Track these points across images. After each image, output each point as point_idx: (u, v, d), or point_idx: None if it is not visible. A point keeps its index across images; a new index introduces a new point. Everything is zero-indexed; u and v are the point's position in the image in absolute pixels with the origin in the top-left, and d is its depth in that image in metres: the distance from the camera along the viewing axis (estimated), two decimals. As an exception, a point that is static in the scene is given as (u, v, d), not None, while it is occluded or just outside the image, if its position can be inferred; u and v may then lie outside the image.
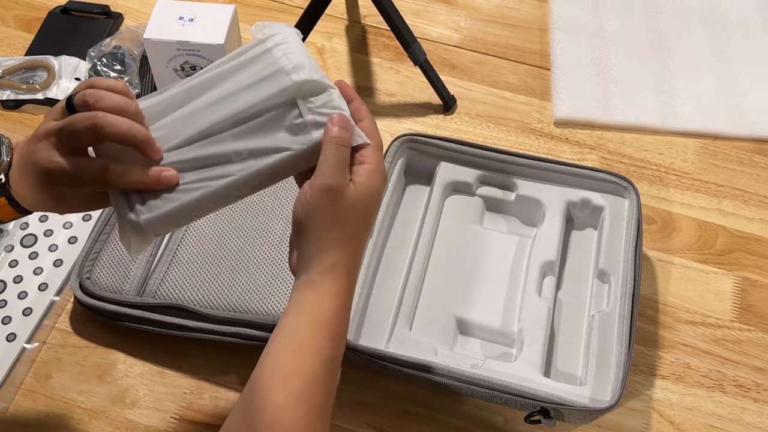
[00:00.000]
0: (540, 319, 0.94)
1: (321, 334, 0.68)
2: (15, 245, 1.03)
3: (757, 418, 0.94)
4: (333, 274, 0.69)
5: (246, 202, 1.02)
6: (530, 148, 1.18)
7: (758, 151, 1.18)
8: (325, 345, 0.68)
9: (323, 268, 0.68)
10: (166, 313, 0.94)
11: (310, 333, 0.68)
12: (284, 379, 0.66)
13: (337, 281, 0.69)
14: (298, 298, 0.69)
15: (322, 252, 0.68)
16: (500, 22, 1.35)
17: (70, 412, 0.93)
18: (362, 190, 0.68)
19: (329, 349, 0.68)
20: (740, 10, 1.35)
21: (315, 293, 0.68)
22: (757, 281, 1.05)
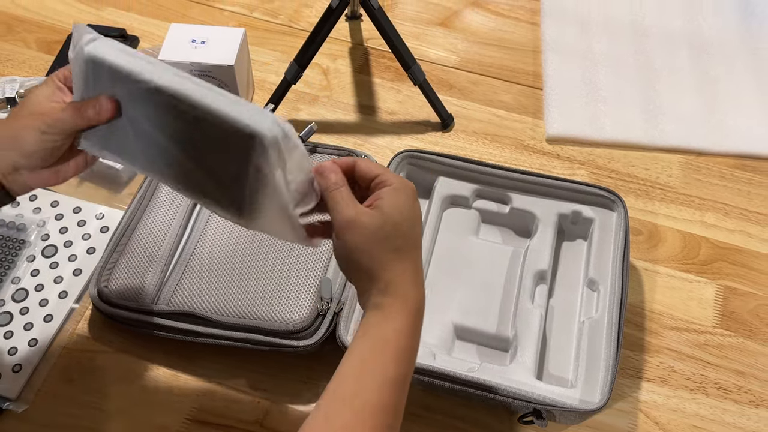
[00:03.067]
0: (533, 325, 0.94)
1: (384, 355, 0.66)
2: (36, 255, 1.04)
3: (737, 418, 0.94)
4: (392, 291, 0.67)
5: (255, 215, 1.03)
6: (523, 163, 1.19)
7: (739, 167, 1.19)
8: (388, 365, 0.66)
9: (381, 287, 0.67)
10: (179, 320, 0.95)
11: (372, 354, 0.66)
12: (346, 400, 0.64)
13: (400, 299, 0.67)
14: (364, 323, 0.68)
15: (375, 275, 0.67)
16: (495, 44, 1.36)
17: (89, 413, 0.93)
18: (386, 209, 0.67)
19: (394, 368, 0.66)
20: (721, 34, 1.35)
21: (378, 314, 0.67)
22: (738, 289, 1.05)
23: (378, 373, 0.65)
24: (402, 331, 0.67)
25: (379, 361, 0.65)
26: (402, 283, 0.68)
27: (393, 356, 0.66)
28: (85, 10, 1.37)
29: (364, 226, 0.66)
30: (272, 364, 0.97)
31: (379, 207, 0.67)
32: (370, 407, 0.63)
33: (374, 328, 0.67)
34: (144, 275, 0.98)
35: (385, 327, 0.66)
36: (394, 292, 0.67)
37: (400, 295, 0.67)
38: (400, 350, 0.66)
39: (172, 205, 1.04)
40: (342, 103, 1.25)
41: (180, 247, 1.01)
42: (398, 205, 0.68)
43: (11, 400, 0.92)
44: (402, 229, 0.68)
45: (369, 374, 0.65)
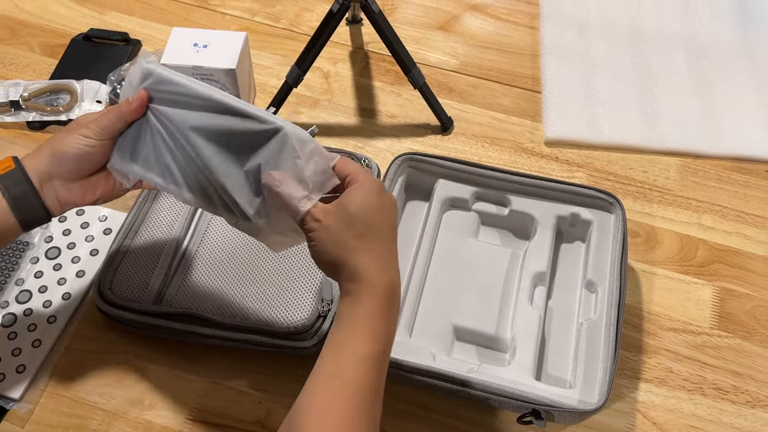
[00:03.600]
0: (532, 326, 0.94)
1: (356, 334, 0.69)
2: (40, 257, 1.04)
3: (734, 419, 0.94)
4: (357, 279, 0.70)
5: (256, 217, 1.03)
6: (522, 166, 1.19)
7: (736, 169, 1.19)
8: (362, 345, 0.69)
9: (348, 274, 0.70)
10: (181, 321, 0.95)
11: (346, 335, 0.69)
12: (326, 381, 0.68)
13: (366, 283, 0.70)
14: (338, 310, 0.71)
15: (344, 263, 0.70)
16: (494, 48, 1.36)
17: (92, 414, 0.93)
18: (345, 204, 0.71)
19: (367, 348, 0.69)
20: (718, 38, 1.36)
21: (348, 300, 0.70)
22: (734, 291, 1.05)
23: (353, 352, 0.68)
24: (372, 312, 0.70)
25: (353, 342, 0.69)
26: (368, 269, 0.70)
27: (366, 336, 0.69)
28: (88, 14, 1.38)
29: (329, 223, 0.70)
30: (274, 365, 0.97)
31: (339, 203, 0.71)
32: (349, 385, 0.67)
33: (346, 313, 0.70)
34: (146, 277, 0.98)
35: (355, 310, 0.70)
36: (361, 278, 0.70)
37: (367, 280, 0.70)
38: (372, 330, 0.70)
39: (174, 208, 1.04)
40: (343, 106, 1.26)
41: (182, 249, 1.01)
42: (359, 199, 0.71)
43: (15, 400, 0.93)
44: (364, 219, 0.71)
45: (345, 355, 0.68)
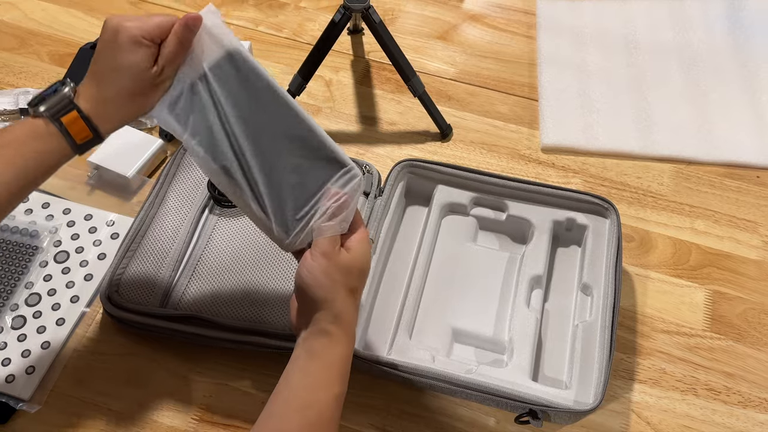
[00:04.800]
0: (529, 328, 0.95)
1: (332, 374, 0.73)
2: (49, 261, 1.05)
3: (726, 419, 0.95)
4: (340, 323, 0.74)
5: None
6: (520, 172, 1.19)
7: (728, 175, 1.19)
8: (335, 383, 0.73)
9: (332, 317, 0.73)
10: (187, 323, 0.95)
11: (322, 373, 0.73)
12: (300, 411, 0.70)
13: (344, 329, 0.74)
14: (309, 346, 0.74)
15: (329, 305, 0.73)
16: (492, 57, 1.37)
17: (100, 414, 0.93)
18: (355, 254, 0.75)
19: (339, 387, 0.73)
20: (711, 47, 1.36)
21: (325, 340, 0.73)
22: (727, 294, 1.06)
23: (329, 390, 0.72)
24: (346, 356, 0.75)
25: (329, 380, 0.73)
26: (349, 318, 0.75)
27: (341, 377, 0.74)
28: (95, 24, 1.38)
29: (338, 261, 0.74)
30: (277, 366, 0.95)
31: (352, 250, 0.76)
32: (322, 418, 0.71)
33: (323, 351, 0.73)
34: (153, 280, 0.98)
35: (332, 351, 0.74)
36: (342, 324, 0.74)
37: (347, 328, 0.75)
38: (343, 372, 0.74)
39: (180, 213, 1.05)
40: (344, 113, 1.26)
41: (188, 253, 1.01)
42: (364, 253, 0.77)
43: (24, 400, 0.93)
44: (361, 274, 0.77)
45: (321, 389, 0.72)
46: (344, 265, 0.74)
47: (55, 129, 0.73)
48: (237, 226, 1.04)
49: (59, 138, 0.73)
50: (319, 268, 0.73)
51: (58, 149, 0.74)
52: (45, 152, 0.73)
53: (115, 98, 0.74)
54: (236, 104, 0.76)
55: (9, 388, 0.93)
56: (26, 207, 1.09)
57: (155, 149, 1.15)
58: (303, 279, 0.74)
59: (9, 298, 1.00)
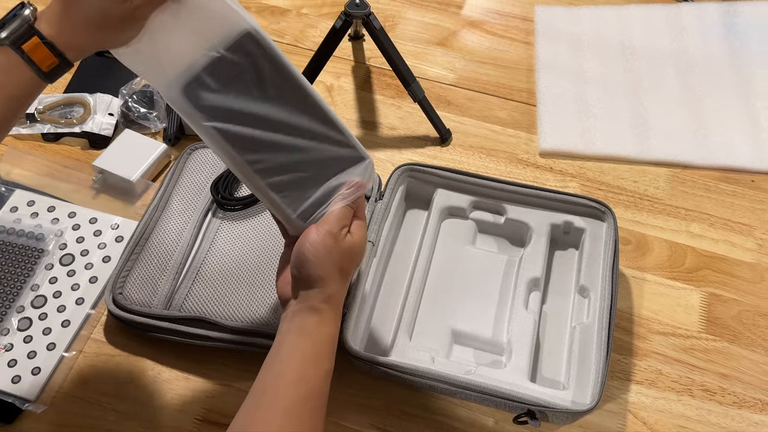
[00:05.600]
0: (527, 330, 0.95)
1: (322, 351, 0.74)
2: (54, 264, 1.05)
3: (722, 419, 0.95)
4: (331, 303, 0.74)
5: (261, 226, 1.04)
6: (518, 176, 1.19)
7: (723, 179, 1.19)
8: (325, 360, 0.74)
9: (325, 297, 0.74)
10: (190, 325, 0.95)
11: (313, 349, 0.73)
12: (292, 385, 0.70)
13: (334, 309, 0.75)
14: (300, 323, 0.74)
15: (324, 284, 0.73)
16: (491, 63, 1.37)
17: (105, 414, 0.94)
18: (356, 239, 0.76)
19: (328, 364, 0.74)
20: (706, 53, 1.36)
21: (317, 318, 0.73)
22: (722, 296, 1.06)
23: (319, 365, 0.73)
24: (334, 336, 0.76)
25: (319, 356, 0.73)
26: (339, 298, 0.76)
27: (328, 353, 0.74)
28: (100, 31, 1.38)
29: (341, 244, 0.74)
30: (279, 367, 0.97)
31: (353, 234, 0.76)
32: (313, 393, 0.71)
33: (313, 329, 0.74)
34: (157, 283, 0.98)
35: (322, 329, 0.74)
36: (332, 304, 0.75)
37: (336, 308, 0.76)
38: (332, 350, 0.75)
39: (183, 216, 1.05)
40: (345, 118, 1.26)
41: (191, 256, 1.02)
42: (362, 238, 0.77)
43: (30, 401, 0.93)
44: (356, 257, 0.77)
45: (312, 365, 0.72)
46: (346, 248, 0.75)
47: (18, 57, 0.66)
48: (240, 229, 1.04)
49: (24, 66, 0.67)
50: (323, 247, 0.73)
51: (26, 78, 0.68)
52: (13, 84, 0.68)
53: (82, 26, 0.66)
54: (256, 88, 0.72)
55: (15, 388, 0.94)
56: (32, 211, 1.10)
57: (159, 153, 1.15)
58: (304, 253, 0.73)
59: (15, 300, 1.01)
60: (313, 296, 0.73)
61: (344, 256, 0.75)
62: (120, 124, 1.22)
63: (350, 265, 0.77)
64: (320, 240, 0.73)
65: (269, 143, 0.73)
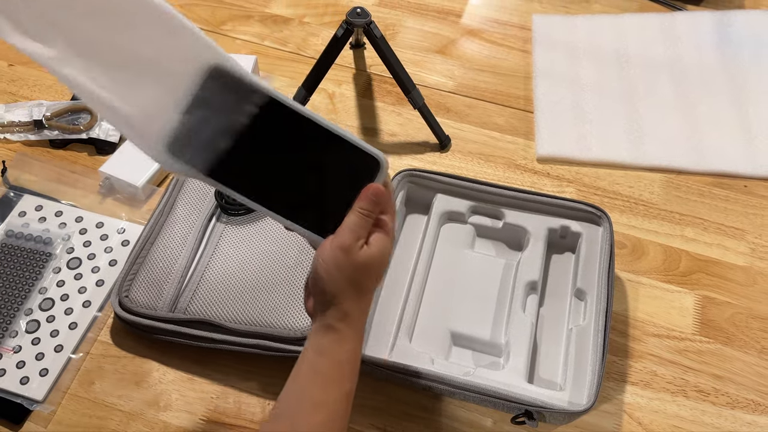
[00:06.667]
0: (524, 332, 0.95)
1: (342, 371, 0.70)
2: (62, 267, 1.05)
3: (715, 419, 0.95)
4: (348, 321, 0.69)
5: (264, 231, 1.05)
6: (516, 181, 1.20)
7: (716, 184, 1.20)
8: (345, 380, 0.70)
9: (340, 315, 0.69)
10: (195, 327, 0.96)
11: (331, 370, 0.69)
12: (313, 408, 0.68)
13: (352, 327, 0.70)
14: (317, 342, 0.70)
15: (338, 301, 0.69)
16: (489, 71, 1.37)
17: (111, 415, 0.94)
18: (374, 251, 0.69)
19: (348, 384, 0.71)
20: (700, 61, 1.37)
21: (334, 336, 0.69)
22: (715, 299, 1.06)
23: (340, 388, 0.70)
24: (354, 353, 0.71)
25: (339, 377, 0.70)
26: (357, 316, 0.71)
27: (350, 375, 0.71)
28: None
29: (355, 258, 0.68)
30: (282, 369, 0.96)
31: (372, 246, 0.70)
32: (333, 416, 0.69)
33: (331, 348, 0.70)
34: (162, 286, 0.99)
35: (341, 348, 0.70)
36: (350, 321, 0.70)
37: (354, 325, 0.71)
38: (352, 369, 0.71)
39: (188, 221, 1.05)
40: (346, 125, 1.27)
41: (196, 259, 1.02)
42: (383, 250, 0.70)
43: (38, 402, 0.94)
44: (373, 271, 0.71)
45: (332, 388, 0.69)
46: (361, 262, 0.68)
47: None
48: (243, 233, 1.04)
49: None
50: (334, 261, 0.68)
51: None
52: None
53: None
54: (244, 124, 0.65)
55: (24, 389, 0.94)
56: (40, 215, 1.10)
57: (164, 159, 1.16)
58: (317, 269, 0.69)
59: (24, 303, 1.01)
60: (329, 314, 0.69)
61: (359, 271, 0.69)
62: (126, 131, 1.22)
63: (367, 279, 0.70)
64: (331, 255, 0.68)
65: (276, 178, 0.68)
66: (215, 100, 0.64)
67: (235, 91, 0.64)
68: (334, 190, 0.70)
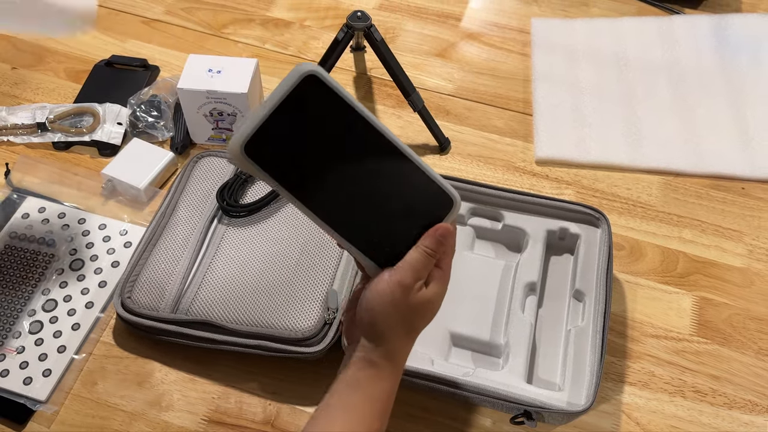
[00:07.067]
0: (523, 333, 0.95)
1: (374, 410, 0.67)
2: (65, 268, 1.05)
3: (712, 419, 0.95)
4: (392, 359, 0.67)
5: (265, 232, 1.05)
6: (515, 183, 1.20)
7: (713, 187, 1.20)
8: (376, 420, 0.67)
9: (385, 352, 0.66)
10: (196, 328, 0.96)
11: (363, 407, 0.66)
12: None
13: (395, 366, 0.68)
14: (355, 375, 0.67)
15: (387, 338, 0.66)
16: (488, 73, 1.38)
17: (113, 415, 0.94)
18: (431, 293, 0.67)
19: (379, 424, 0.67)
20: (698, 64, 1.37)
21: (373, 372, 0.66)
22: (713, 300, 1.06)
23: (369, 426, 0.66)
24: (391, 393, 0.68)
25: (371, 415, 0.66)
26: (402, 355, 0.69)
27: (382, 414, 0.67)
28: (110, 42, 1.39)
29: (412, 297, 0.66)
30: (282, 369, 0.98)
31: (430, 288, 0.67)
32: None
33: (367, 383, 0.67)
34: (164, 287, 0.99)
35: (377, 386, 0.67)
36: (393, 359, 0.67)
37: (396, 364, 0.68)
38: (387, 409, 0.68)
39: (190, 222, 1.06)
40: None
41: (197, 261, 1.02)
42: (440, 296, 0.69)
43: (42, 402, 0.94)
44: (427, 315, 0.69)
45: (360, 424, 0.66)
46: (417, 303, 0.66)
47: None
48: (245, 235, 1.04)
49: None
50: (391, 297, 0.64)
51: None
52: None
53: None
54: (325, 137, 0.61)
55: (27, 390, 0.94)
56: (43, 217, 1.10)
57: (166, 161, 1.16)
58: (370, 301, 0.65)
59: (27, 304, 1.01)
60: (372, 349, 0.66)
61: (414, 313, 0.66)
62: (128, 133, 1.22)
63: (420, 322, 0.68)
64: (389, 291, 0.64)
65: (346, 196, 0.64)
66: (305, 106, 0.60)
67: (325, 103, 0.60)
68: (402, 221, 0.67)
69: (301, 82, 0.59)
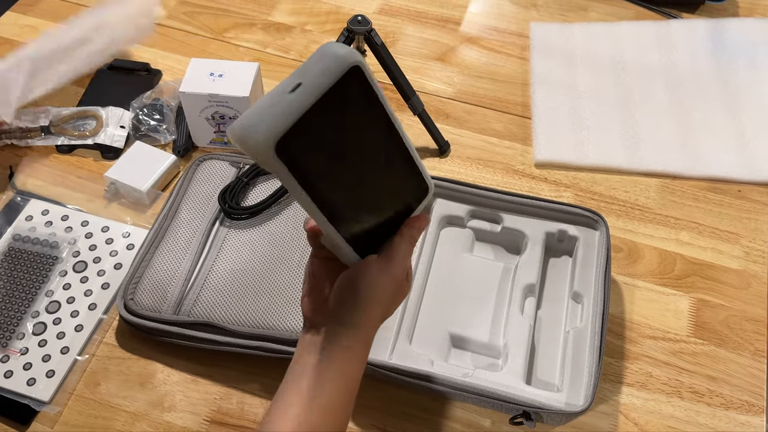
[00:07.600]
0: (522, 334, 0.96)
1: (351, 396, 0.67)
2: (68, 270, 1.06)
3: (709, 420, 0.95)
4: (368, 343, 0.68)
5: (266, 234, 1.05)
6: (514, 186, 1.20)
7: (711, 189, 1.20)
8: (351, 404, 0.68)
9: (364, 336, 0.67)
10: (198, 330, 0.96)
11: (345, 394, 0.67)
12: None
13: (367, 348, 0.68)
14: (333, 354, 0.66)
15: (370, 322, 0.67)
16: (488, 77, 1.38)
17: (116, 415, 0.94)
18: (410, 282, 0.71)
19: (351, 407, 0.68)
20: (695, 68, 1.37)
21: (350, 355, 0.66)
22: (710, 302, 1.07)
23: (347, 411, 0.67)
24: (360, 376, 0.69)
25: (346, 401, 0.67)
26: (372, 336, 0.69)
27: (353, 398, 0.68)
28: (112, 46, 1.39)
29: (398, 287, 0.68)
30: (283, 370, 0.96)
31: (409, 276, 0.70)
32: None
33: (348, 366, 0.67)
34: (166, 289, 0.99)
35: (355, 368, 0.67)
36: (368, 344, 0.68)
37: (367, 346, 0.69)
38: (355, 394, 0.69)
39: (192, 225, 1.06)
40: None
41: (199, 263, 1.02)
42: (410, 282, 0.72)
43: (45, 403, 0.94)
44: (400, 301, 0.72)
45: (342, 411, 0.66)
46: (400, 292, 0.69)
47: None
48: (246, 237, 1.05)
49: None
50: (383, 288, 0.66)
51: None
52: None
53: None
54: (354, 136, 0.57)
55: (30, 390, 0.94)
56: (47, 219, 1.10)
57: (169, 164, 1.16)
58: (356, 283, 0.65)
59: (30, 306, 1.02)
60: (352, 334, 0.66)
61: (395, 301, 0.69)
62: (131, 136, 1.23)
63: (394, 309, 0.71)
64: (381, 281, 0.65)
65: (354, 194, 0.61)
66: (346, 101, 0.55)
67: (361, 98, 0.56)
68: (387, 210, 0.66)
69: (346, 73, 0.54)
